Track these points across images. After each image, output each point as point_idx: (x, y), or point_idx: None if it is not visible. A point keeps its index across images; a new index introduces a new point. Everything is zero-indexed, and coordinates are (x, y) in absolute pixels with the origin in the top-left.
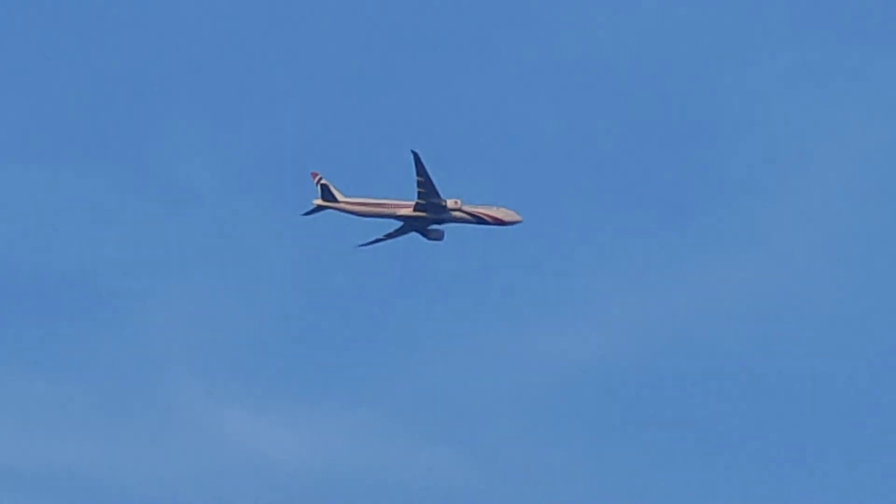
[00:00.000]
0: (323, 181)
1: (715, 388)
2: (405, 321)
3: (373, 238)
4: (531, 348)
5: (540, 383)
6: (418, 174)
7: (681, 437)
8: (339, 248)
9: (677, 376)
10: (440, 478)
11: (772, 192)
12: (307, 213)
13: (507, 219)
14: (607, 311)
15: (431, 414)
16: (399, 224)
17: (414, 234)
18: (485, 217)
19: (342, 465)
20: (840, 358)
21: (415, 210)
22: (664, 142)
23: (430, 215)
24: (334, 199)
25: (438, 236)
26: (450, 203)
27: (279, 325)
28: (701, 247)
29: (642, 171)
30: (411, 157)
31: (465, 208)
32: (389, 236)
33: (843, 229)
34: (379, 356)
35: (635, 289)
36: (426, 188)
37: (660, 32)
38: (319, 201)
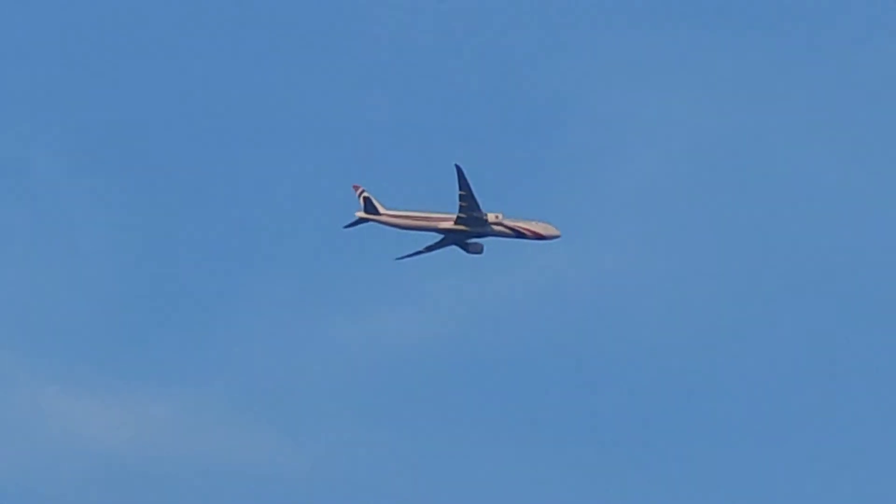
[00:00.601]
0: (365, 194)
1: (540, 371)
2: (231, 303)
3: (413, 251)
4: (357, 333)
5: (367, 367)
6: (461, 188)
7: (507, 419)
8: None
9: (504, 360)
10: (262, 460)
11: (591, 181)
12: (349, 226)
13: (545, 233)
14: (436, 296)
15: (256, 396)
16: (439, 237)
17: (453, 247)
18: (524, 231)
19: (162, 446)
20: (659, 342)
21: (456, 223)
22: (485, 129)
23: (470, 229)
24: (376, 212)
25: (478, 250)
26: (491, 217)
27: (102, 305)
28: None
29: (466, 161)
30: (454, 170)
31: (506, 222)
32: (429, 249)
33: (662, 218)
34: (206, 338)
35: (462, 274)
36: (468, 202)
37: (477, 24)
38: (362, 213)
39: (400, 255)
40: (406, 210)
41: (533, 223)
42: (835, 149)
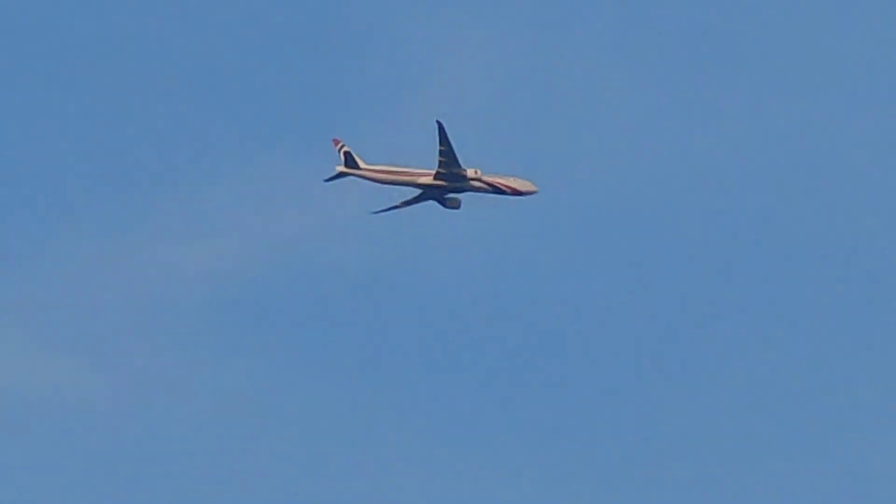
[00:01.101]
0: (346, 148)
1: (338, 296)
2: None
3: (389, 205)
4: (160, 260)
5: (171, 295)
6: (441, 144)
7: (312, 347)
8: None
9: (303, 289)
10: (66, 386)
11: (393, 111)
12: (329, 179)
13: (523, 189)
14: (238, 224)
15: (58, 322)
16: (416, 192)
17: (431, 202)
18: (503, 187)
19: None
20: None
21: (435, 179)
22: (287, 61)
23: (449, 184)
24: (356, 167)
25: (455, 205)
26: (469, 173)
27: None
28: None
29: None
30: (434, 126)
31: (485, 178)
32: (406, 203)
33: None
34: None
35: (266, 201)
36: (448, 157)
37: None
38: (342, 168)
39: (377, 210)
40: (385, 164)
41: (511, 179)
42: (637, 75)
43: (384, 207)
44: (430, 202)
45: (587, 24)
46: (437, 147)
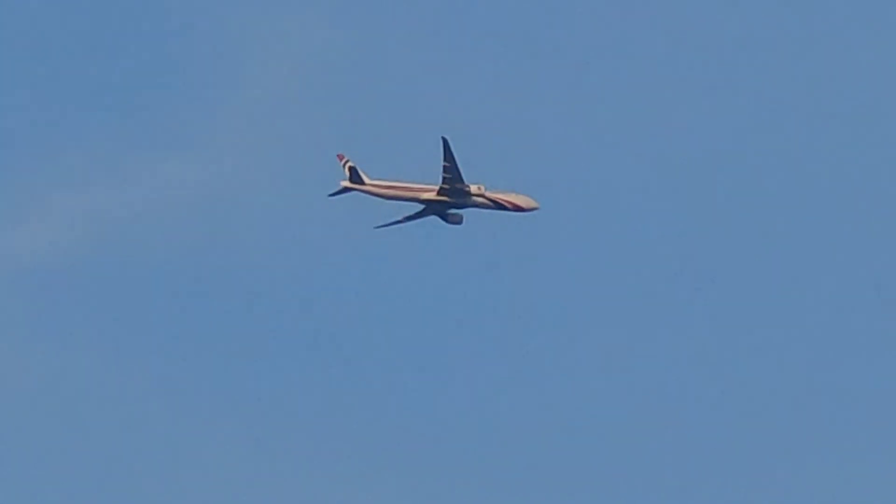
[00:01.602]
0: (350, 163)
1: (164, 281)
2: None
3: (391, 220)
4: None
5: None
6: (445, 160)
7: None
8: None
9: (127, 271)
10: None
11: (213, 93)
12: (333, 194)
13: (525, 205)
14: (55, 208)
15: None
16: (419, 207)
17: (433, 218)
18: (505, 203)
19: None
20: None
21: (438, 194)
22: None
23: (452, 200)
24: (361, 182)
25: (458, 220)
26: (473, 189)
27: None
28: (146, 145)
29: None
30: (440, 142)
31: (487, 194)
32: (408, 218)
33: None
34: None
35: (83, 184)
36: (452, 173)
37: None
38: (347, 183)
39: (379, 224)
40: (389, 180)
41: (513, 195)
42: (457, 62)
43: (387, 222)
44: (433, 217)
45: (406, 13)
46: (442, 163)
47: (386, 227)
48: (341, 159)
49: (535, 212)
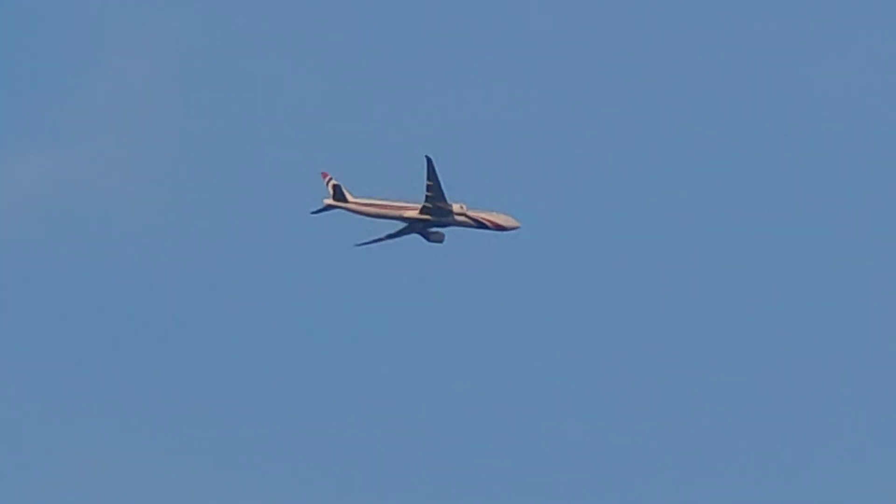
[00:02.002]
0: (334, 182)
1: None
2: None
3: (373, 238)
4: None
5: None
6: (429, 178)
7: None
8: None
9: None
10: None
11: (67, 88)
12: (316, 212)
13: (506, 224)
14: None
15: None
16: (402, 225)
17: (414, 236)
18: (486, 222)
19: None
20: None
21: (421, 213)
22: None
23: (434, 218)
24: (345, 200)
25: (439, 238)
26: (455, 208)
27: None
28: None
29: None
30: (421, 160)
31: (470, 213)
32: (390, 236)
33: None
34: None
35: None
36: (435, 192)
37: None
38: (330, 200)
39: (360, 242)
40: (372, 198)
41: (494, 214)
42: (310, 60)
43: (368, 240)
44: (414, 235)
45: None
46: (425, 182)
47: (367, 245)
48: (325, 177)
49: (515, 231)
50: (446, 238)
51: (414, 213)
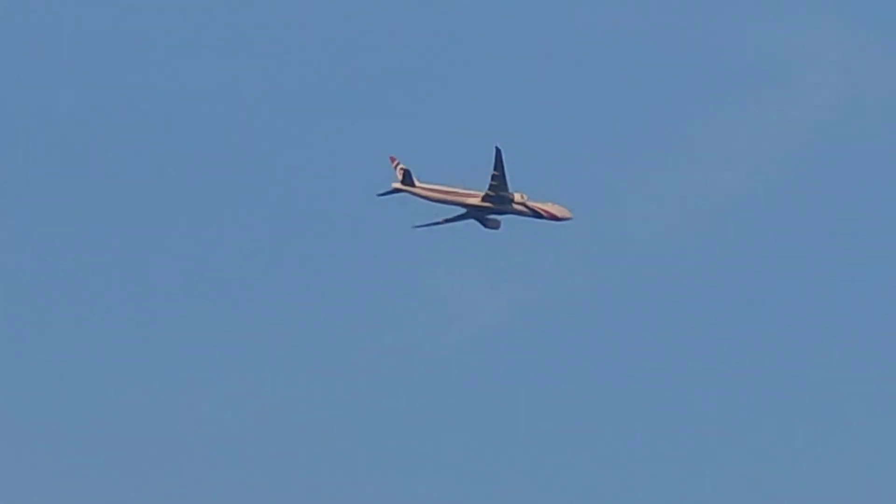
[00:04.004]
0: (403, 167)
1: None
2: None
3: (431, 220)
4: None
5: None
6: (495, 168)
7: None
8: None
9: None
10: None
11: None
12: (382, 194)
13: (560, 214)
14: None
15: None
16: (461, 210)
17: (471, 221)
18: (542, 212)
19: None
20: None
21: (482, 200)
22: None
23: (495, 206)
24: (412, 185)
25: (495, 225)
26: (516, 197)
27: None
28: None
29: None
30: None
31: (529, 203)
32: (447, 221)
33: None
34: None
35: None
36: (499, 181)
37: None
38: (398, 185)
39: (418, 224)
40: (437, 184)
41: (549, 204)
42: None
43: (426, 222)
44: (471, 221)
45: None
46: (491, 171)
47: (425, 227)
48: (393, 161)
49: (568, 221)
50: (502, 225)
51: (476, 201)
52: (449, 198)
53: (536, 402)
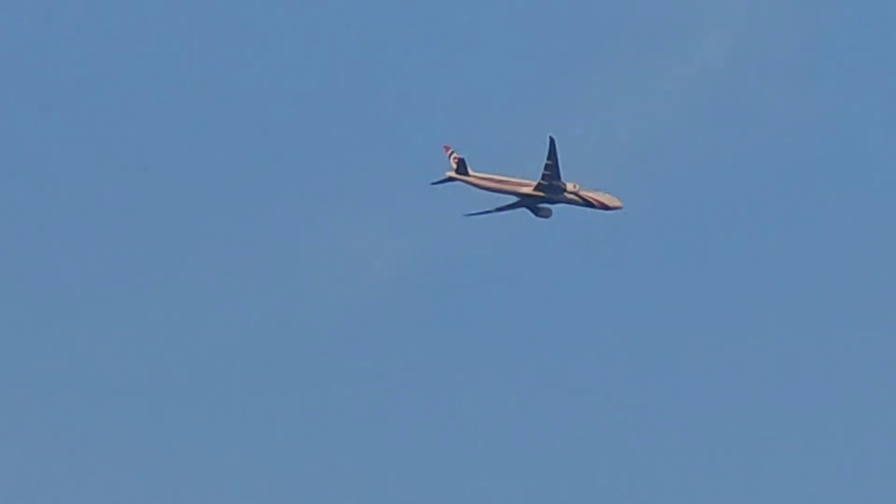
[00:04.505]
0: (457, 156)
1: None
2: None
3: (483, 209)
4: None
5: None
6: (549, 158)
7: None
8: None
9: None
10: None
11: None
12: (436, 182)
13: (611, 204)
14: None
15: None
16: (513, 199)
17: (523, 210)
18: (593, 201)
19: None
20: None
21: (535, 189)
22: None
23: (547, 195)
24: (466, 173)
25: (547, 214)
26: (569, 186)
27: None
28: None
29: None
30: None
31: (581, 192)
32: (499, 209)
33: None
34: None
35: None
36: (552, 171)
37: None
38: (452, 173)
39: (469, 212)
40: (491, 173)
41: (600, 193)
42: None
43: (479, 210)
44: (523, 210)
45: None
46: (545, 161)
47: (476, 216)
48: (447, 150)
49: (618, 210)
50: (553, 213)
51: (529, 190)
52: (502, 187)
53: (432, 353)
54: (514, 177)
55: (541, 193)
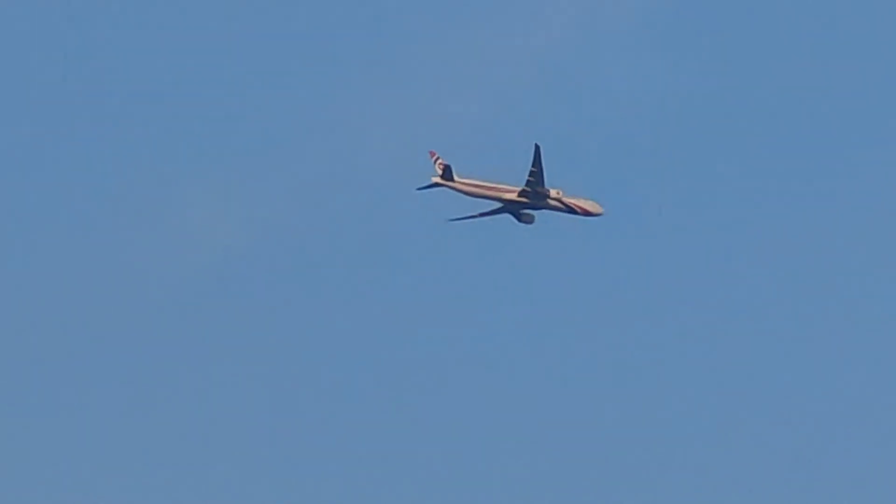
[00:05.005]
0: (443, 162)
1: None
2: None
3: (467, 214)
4: None
5: None
6: (534, 165)
7: None
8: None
9: None
10: None
11: None
12: (422, 188)
13: (592, 210)
14: None
15: None
16: (497, 205)
17: (506, 215)
18: (576, 207)
19: None
20: None
21: (519, 196)
22: None
23: (531, 202)
24: (451, 179)
25: (529, 220)
26: (552, 193)
27: None
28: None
29: None
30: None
31: (564, 199)
32: (483, 214)
33: None
34: None
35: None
36: (537, 178)
37: None
38: (438, 179)
39: (453, 217)
40: (476, 179)
41: (583, 200)
42: None
43: (462, 216)
44: (506, 215)
45: None
46: (529, 168)
47: (460, 221)
48: (433, 156)
49: (599, 216)
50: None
51: (513, 196)
52: (487, 192)
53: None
54: (498, 182)
55: (524, 199)
